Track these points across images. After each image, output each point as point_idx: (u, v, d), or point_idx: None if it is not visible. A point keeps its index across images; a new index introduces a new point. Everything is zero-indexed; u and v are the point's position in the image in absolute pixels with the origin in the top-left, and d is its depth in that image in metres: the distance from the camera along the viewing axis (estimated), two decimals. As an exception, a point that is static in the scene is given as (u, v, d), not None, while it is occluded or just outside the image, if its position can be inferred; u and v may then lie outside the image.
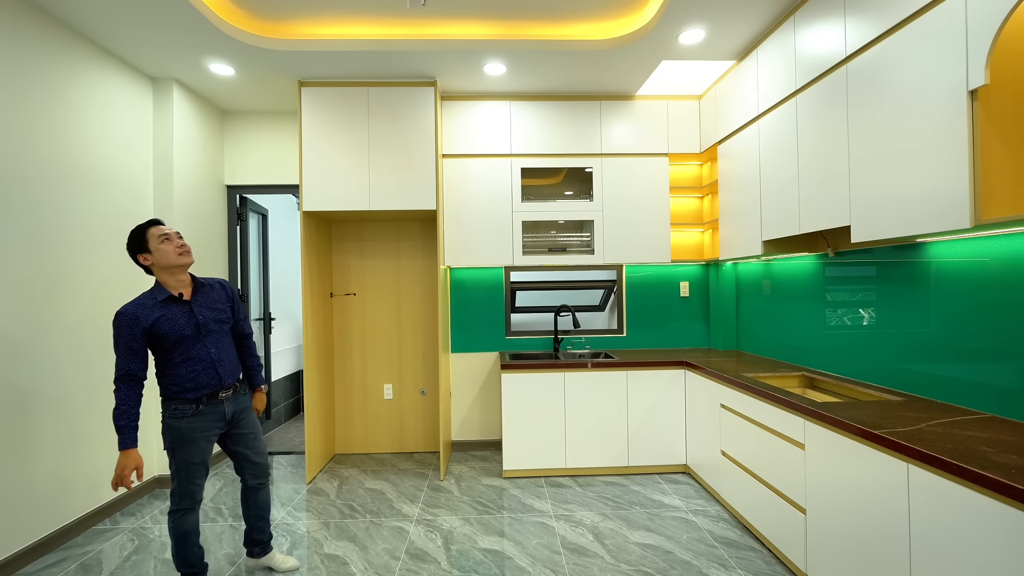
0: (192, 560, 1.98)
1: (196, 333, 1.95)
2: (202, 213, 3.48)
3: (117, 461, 1.80)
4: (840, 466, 1.82)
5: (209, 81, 3.24)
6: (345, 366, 3.82)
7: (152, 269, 1.93)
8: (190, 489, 1.94)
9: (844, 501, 1.80)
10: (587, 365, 3.25)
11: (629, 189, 3.55)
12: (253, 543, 2.22)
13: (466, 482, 3.20)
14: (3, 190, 2.21)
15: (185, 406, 1.91)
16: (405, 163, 3.23)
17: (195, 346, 1.95)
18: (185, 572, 1.98)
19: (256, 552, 2.23)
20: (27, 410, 2.31)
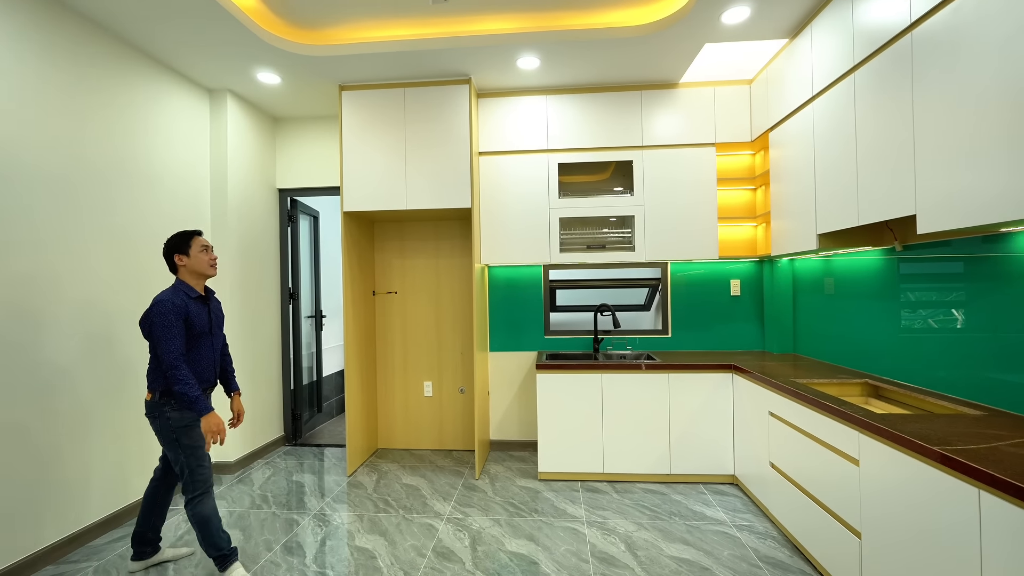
0: (220, 543, 2.08)
1: (207, 332, 2.14)
2: (254, 215, 3.68)
3: (205, 426, 1.99)
4: (899, 487, 1.61)
5: (258, 90, 3.42)
6: (387, 363, 3.91)
7: (180, 270, 2.13)
8: (202, 475, 2.06)
9: (904, 527, 1.59)
10: (625, 366, 3.12)
11: (672, 182, 3.37)
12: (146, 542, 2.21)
13: (500, 482, 3.17)
14: (80, 195, 2.44)
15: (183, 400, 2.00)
16: (440, 162, 3.24)
17: (204, 343, 2.15)
18: (216, 555, 2.08)
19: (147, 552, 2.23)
20: (107, 394, 2.53)
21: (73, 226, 2.43)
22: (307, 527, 2.61)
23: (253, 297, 3.64)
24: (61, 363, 2.36)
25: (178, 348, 1.98)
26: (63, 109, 2.39)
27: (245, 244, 3.56)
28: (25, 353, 2.20)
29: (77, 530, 2.42)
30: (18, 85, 2.19)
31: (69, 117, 2.42)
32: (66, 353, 2.38)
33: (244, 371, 3.51)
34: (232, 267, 3.41)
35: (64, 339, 2.37)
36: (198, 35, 2.70)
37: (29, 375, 2.21)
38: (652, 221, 3.38)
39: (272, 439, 3.84)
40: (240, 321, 3.48)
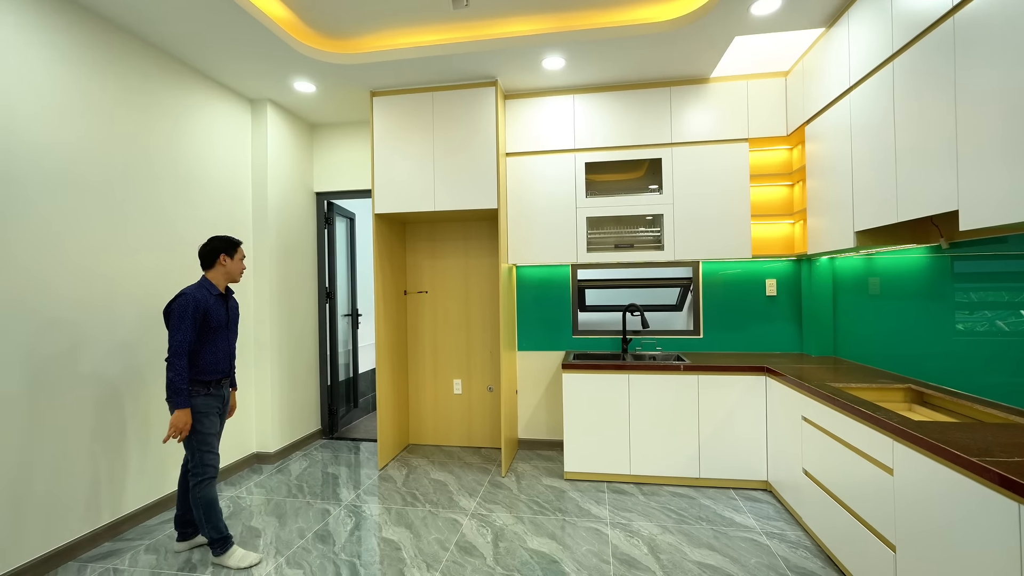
0: (221, 526, 2.26)
1: (224, 326, 2.34)
2: (293, 218, 3.86)
3: (175, 418, 2.13)
4: (934, 498, 1.52)
5: (296, 98, 3.58)
6: (418, 361, 4.00)
7: (216, 269, 2.33)
8: (210, 460, 2.25)
9: (940, 540, 1.50)
10: (653, 367, 3.07)
11: (703, 180, 3.29)
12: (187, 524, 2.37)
13: (526, 481, 3.19)
14: (137, 200, 2.63)
15: (200, 386, 2.24)
16: (467, 163, 3.29)
17: (220, 337, 2.33)
18: (217, 537, 2.25)
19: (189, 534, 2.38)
20: (145, 387, 2.73)
21: (123, 225, 2.63)
22: (338, 517, 2.71)
23: (291, 296, 3.81)
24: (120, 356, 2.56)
25: (185, 340, 2.15)
26: (116, 120, 2.59)
27: (284, 245, 3.73)
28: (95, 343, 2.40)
29: (132, 510, 2.62)
30: (77, 98, 2.39)
31: (122, 127, 2.62)
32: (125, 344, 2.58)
33: (282, 366, 3.68)
34: (271, 267, 3.59)
35: (127, 332, 2.57)
36: (240, 49, 2.86)
37: (97, 364, 2.42)
38: (681, 220, 3.32)
39: (309, 432, 4.01)
40: (278, 319, 3.65)
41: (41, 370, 2.21)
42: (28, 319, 2.16)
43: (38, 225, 2.21)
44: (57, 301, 2.28)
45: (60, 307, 2.29)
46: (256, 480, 3.25)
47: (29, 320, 2.16)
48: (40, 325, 2.21)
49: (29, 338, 2.16)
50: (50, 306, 2.25)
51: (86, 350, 2.41)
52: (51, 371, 2.25)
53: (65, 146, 2.33)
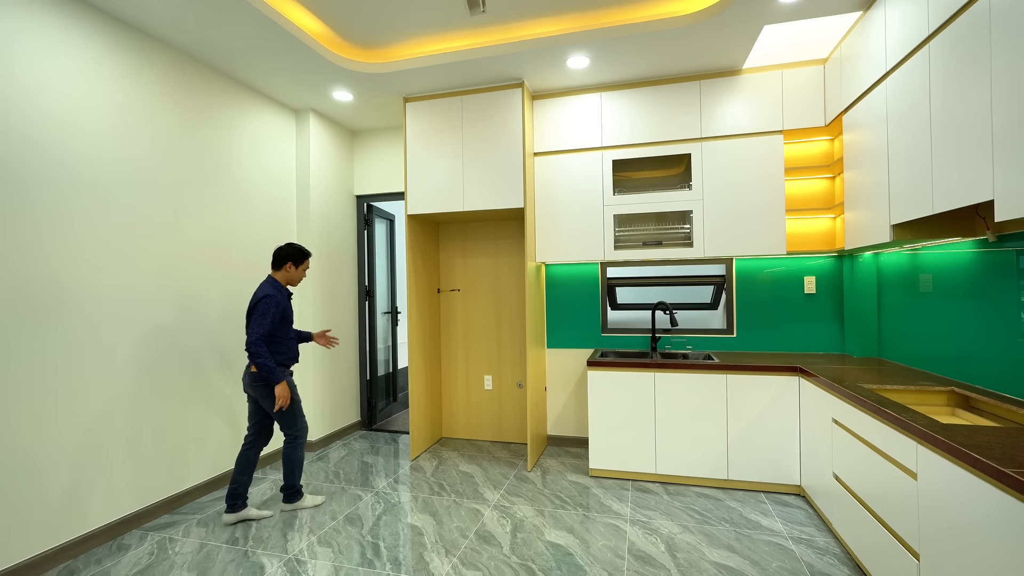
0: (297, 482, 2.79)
1: (291, 322, 2.77)
2: (334, 219, 4.08)
3: (279, 390, 2.58)
4: (958, 505, 1.44)
5: (335, 107, 3.79)
6: (451, 356, 4.13)
7: (282, 273, 2.75)
8: (303, 423, 2.77)
9: (964, 551, 1.42)
10: (679, 366, 3.03)
11: (734, 174, 3.20)
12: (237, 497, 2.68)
13: (551, 476, 3.23)
14: (191, 206, 2.91)
15: (287, 370, 2.75)
16: (494, 164, 3.37)
17: (290, 329, 2.76)
18: (292, 490, 2.78)
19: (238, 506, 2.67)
20: (192, 374, 2.99)
21: (178, 226, 2.90)
22: (368, 502, 2.86)
23: (332, 295, 4.03)
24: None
25: (264, 332, 2.54)
26: (177, 134, 2.86)
27: (326, 246, 3.96)
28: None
29: (191, 486, 2.88)
30: (142, 116, 2.67)
31: (182, 140, 2.89)
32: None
33: (324, 361, 3.91)
34: (314, 267, 3.82)
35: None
36: (283, 64, 3.08)
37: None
38: (711, 216, 3.24)
39: (349, 423, 4.23)
40: (321, 316, 3.88)
41: (147, 355, 2.50)
42: (140, 308, 2.45)
43: (121, 227, 2.50)
44: (147, 290, 2.56)
45: (155, 301, 2.57)
46: (298, 465, 3.47)
47: (138, 315, 2.45)
48: (145, 322, 2.49)
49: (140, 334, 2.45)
50: (143, 297, 2.53)
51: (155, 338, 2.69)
52: (155, 354, 2.53)
53: (132, 158, 2.61)
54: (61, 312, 2.29)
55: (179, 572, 2.19)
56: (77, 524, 2.33)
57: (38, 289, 2.21)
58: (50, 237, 2.25)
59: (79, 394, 2.35)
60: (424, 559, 2.26)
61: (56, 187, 2.28)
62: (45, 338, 2.23)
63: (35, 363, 2.19)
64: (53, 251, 2.27)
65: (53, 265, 2.26)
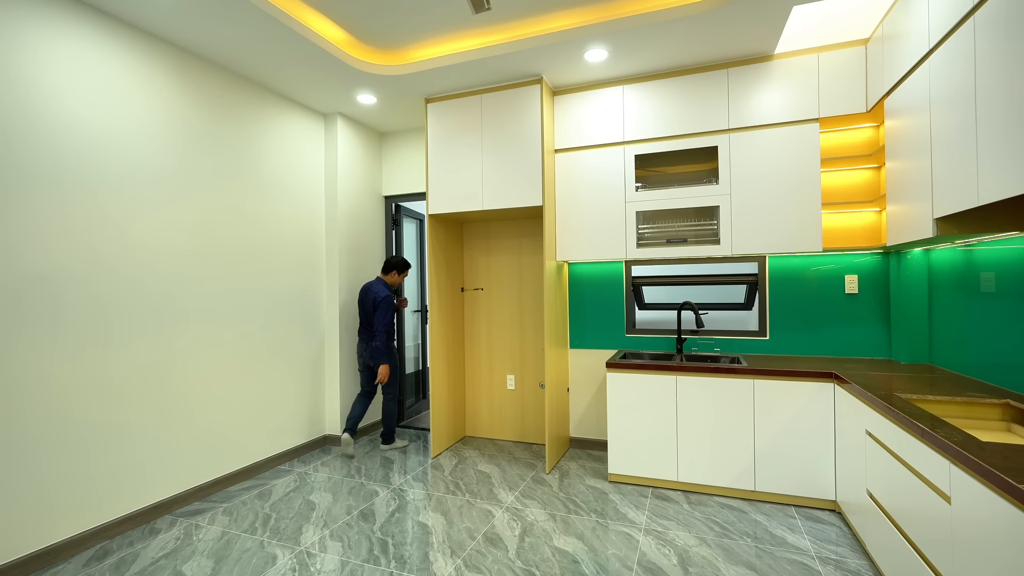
0: (394, 429, 3.86)
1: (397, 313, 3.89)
2: (362, 219, 4.18)
3: (383, 370, 3.65)
4: (994, 536, 1.28)
5: (361, 110, 3.88)
6: (474, 355, 4.13)
7: (388, 276, 3.82)
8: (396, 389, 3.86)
9: (995, 584, 1.26)
10: (702, 369, 2.89)
11: (764, 167, 3.01)
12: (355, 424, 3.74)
13: (569, 479, 3.17)
14: (223, 210, 3.05)
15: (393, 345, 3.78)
16: (513, 162, 3.34)
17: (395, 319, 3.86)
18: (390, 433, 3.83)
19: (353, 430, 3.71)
20: (230, 370, 3.14)
21: (212, 228, 3.05)
22: (384, 499, 2.91)
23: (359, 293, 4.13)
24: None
25: (386, 323, 3.64)
26: (205, 140, 3.01)
27: (354, 245, 4.06)
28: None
29: (215, 477, 3.04)
30: (176, 124, 2.82)
31: (210, 145, 3.04)
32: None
33: (352, 359, 4.01)
34: (342, 266, 3.92)
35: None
36: (307, 71, 3.17)
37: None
38: (740, 211, 3.06)
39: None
40: (350, 314, 3.98)
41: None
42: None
43: (145, 231, 2.66)
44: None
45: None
46: (323, 460, 3.58)
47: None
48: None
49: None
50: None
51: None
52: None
53: (158, 163, 2.77)
54: (62, 307, 2.46)
55: (199, 559, 2.30)
56: (115, 507, 2.51)
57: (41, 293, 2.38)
58: (65, 239, 2.43)
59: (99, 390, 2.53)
60: (429, 558, 2.27)
61: (89, 189, 2.45)
62: (48, 330, 2.40)
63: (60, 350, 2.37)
64: (71, 252, 2.44)
65: (62, 266, 2.44)
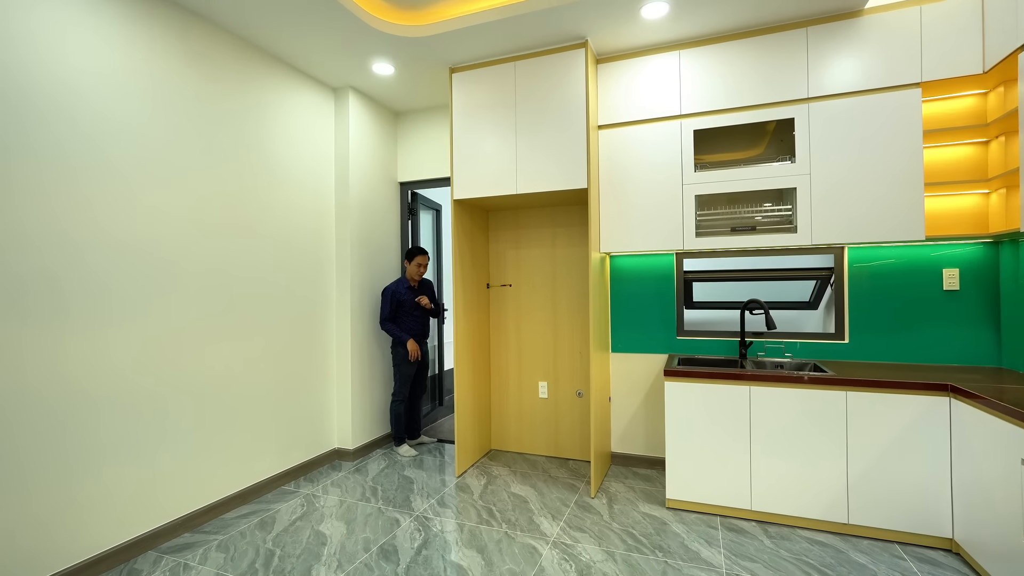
0: (401, 432, 3.61)
1: (412, 308, 3.58)
2: (376, 208, 3.75)
3: (410, 345, 3.51)
4: None
5: (376, 83, 3.44)
6: (501, 360, 3.70)
7: (407, 267, 3.59)
8: (399, 390, 3.59)
9: None
10: (784, 378, 2.45)
11: (852, 142, 2.57)
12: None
13: (620, 505, 2.73)
14: (218, 195, 2.63)
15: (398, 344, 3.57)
16: (553, 140, 2.90)
17: (409, 314, 3.59)
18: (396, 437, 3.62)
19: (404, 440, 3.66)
20: (222, 378, 2.71)
21: (204, 215, 2.62)
22: (407, 530, 2.48)
23: (373, 289, 3.70)
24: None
25: (385, 316, 3.53)
26: (200, 112, 2.58)
27: (367, 236, 3.63)
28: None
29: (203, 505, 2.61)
30: (161, 91, 2.40)
31: (206, 118, 2.61)
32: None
33: (364, 362, 3.58)
34: (353, 259, 3.49)
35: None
36: (317, 30, 2.74)
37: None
38: (821, 194, 2.63)
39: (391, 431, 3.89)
40: (360, 313, 3.56)
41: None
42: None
43: (126, 213, 2.23)
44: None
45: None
46: (333, 478, 3.15)
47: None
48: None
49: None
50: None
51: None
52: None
53: (145, 137, 2.34)
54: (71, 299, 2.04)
55: (187, 612, 1.88)
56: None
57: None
58: (41, 220, 2.00)
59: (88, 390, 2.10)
60: (470, 615, 1.84)
61: (65, 165, 2.02)
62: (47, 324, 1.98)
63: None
64: (51, 238, 2.01)
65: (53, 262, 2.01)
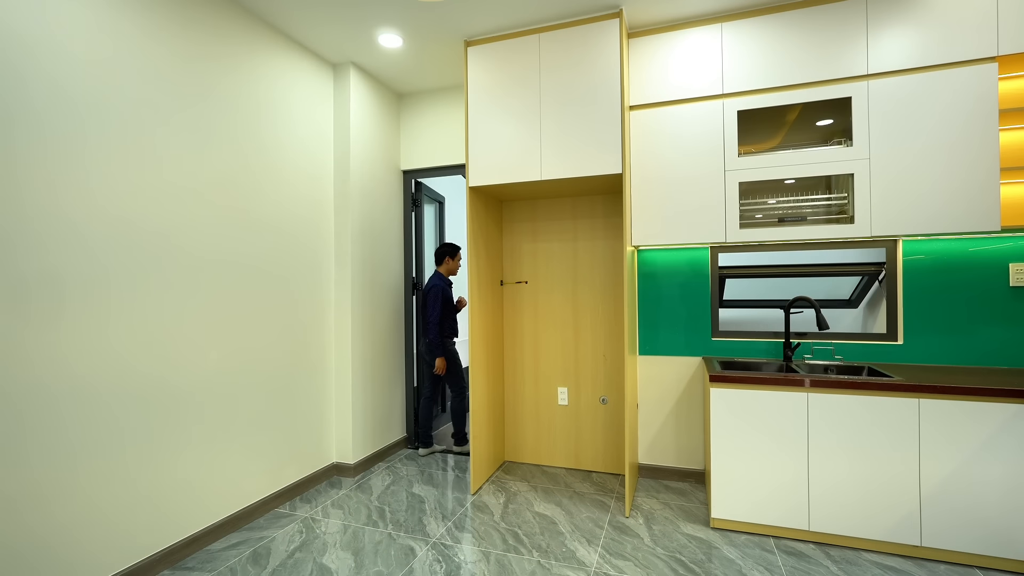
0: (466, 429, 3.46)
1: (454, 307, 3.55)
2: (377, 198, 3.41)
3: (439, 362, 3.40)
4: None
5: (381, 59, 3.11)
6: (516, 364, 3.40)
7: (443, 265, 3.52)
8: (464, 383, 3.48)
9: None
10: (847, 384, 2.20)
11: (917, 123, 2.34)
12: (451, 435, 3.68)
13: (659, 525, 2.45)
14: (202, 169, 2.27)
15: (450, 341, 3.49)
16: (582, 121, 2.62)
17: (453, 311, 3.51)
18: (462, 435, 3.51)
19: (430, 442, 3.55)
20: (203, 389, 2.36)
21: (196, 195, 2.27)
22: (425, 561, 2.16)
23: (374, 286, 3.37)
24: (180, 351, 2.20)
25: (439, 316, 3.37)
26: (188, 83, 2.23)
27: (367, 228, 3.30)
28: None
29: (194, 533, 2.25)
30: (141, 59, 2.04)
31: (194, 90, 2.25)
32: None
33: (365, 366, 3.25)
34: (353, 254, 3.16)
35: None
36: (315, -11, 2.42)
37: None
38: (882, 181, 2.39)
39: (393, 441, 3.56)
40: (361, 313, 3.22)
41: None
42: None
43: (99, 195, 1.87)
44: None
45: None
46: (334, 498, 2.81)
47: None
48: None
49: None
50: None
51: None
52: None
53: (126, 105, 1.98)
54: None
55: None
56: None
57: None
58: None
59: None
60: (515, 673, 1.53)
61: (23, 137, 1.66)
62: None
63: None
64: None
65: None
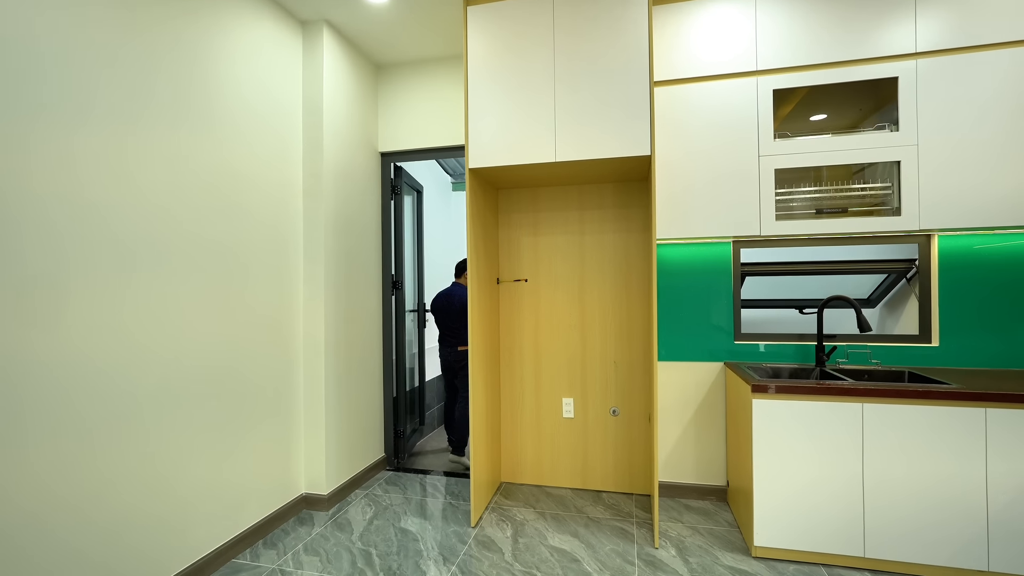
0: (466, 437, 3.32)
1: None
2: (352, 183, 2.94)
3: None
4: None
5: (361, 18, 2.66)
6: (515, 372, 3.02)
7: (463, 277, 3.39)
8: None
9: None
10: (899, 393, 1.97)
11: (972, 106, 2.16)
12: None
13: (695, 557, 2.15)
14: (150, 139, 1.75)
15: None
16: (603, 95, 2.28)
17: None
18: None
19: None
20: (144, 415, 1.84)
21: (149, 174, 1.74)
22: (432, 623, 1.74)
23: (348, 285, 2.90)
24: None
25: None
26: (123, 42, 1.71)
27: (342, 218, 2.82)
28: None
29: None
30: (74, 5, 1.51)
31: (136, 45, 1.73)
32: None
33: (339, 377, 2.77)
34: (326, 247, 2.68)
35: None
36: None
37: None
38: (930, 169, 2.19)
39: (372, 463, 3.09)
40: (334, 316, 2.74)
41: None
42: None
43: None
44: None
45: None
46: (305, 540, 2.33)
47: None
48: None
49: None
50: None
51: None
52: None
53: (66, 64, 1.45)
54: None
55: None
56: None
57: None
58: None
59: None
60: None
61: None
62: None
63: None
64: None
65: None
